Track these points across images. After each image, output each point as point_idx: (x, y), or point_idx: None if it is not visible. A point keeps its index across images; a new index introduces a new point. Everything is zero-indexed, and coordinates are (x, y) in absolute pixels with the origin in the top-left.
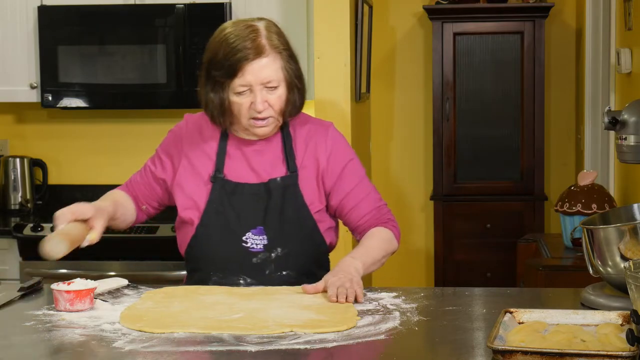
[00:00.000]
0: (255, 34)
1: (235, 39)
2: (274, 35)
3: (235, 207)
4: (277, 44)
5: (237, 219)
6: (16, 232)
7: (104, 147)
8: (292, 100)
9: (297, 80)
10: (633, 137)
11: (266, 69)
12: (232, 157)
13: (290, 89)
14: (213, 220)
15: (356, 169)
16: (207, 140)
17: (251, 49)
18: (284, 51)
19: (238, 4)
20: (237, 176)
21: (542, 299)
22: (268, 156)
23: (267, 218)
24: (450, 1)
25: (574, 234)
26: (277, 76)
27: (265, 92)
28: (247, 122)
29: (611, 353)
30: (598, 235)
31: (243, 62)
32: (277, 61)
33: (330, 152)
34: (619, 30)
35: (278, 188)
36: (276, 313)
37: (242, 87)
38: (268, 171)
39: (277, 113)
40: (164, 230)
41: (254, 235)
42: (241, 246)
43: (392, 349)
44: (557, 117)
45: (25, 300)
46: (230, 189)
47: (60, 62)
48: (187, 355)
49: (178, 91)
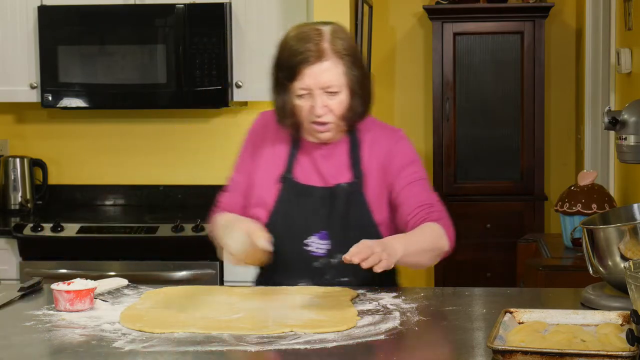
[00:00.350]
0: (319, 38)
1: (297, 41)
2: (338, 40)
3: (301, 209)
4: (340, 49)
5: (303, 222)
6: (16, 232)
7: (104, 147)
8: (354, 107)
9: (360, 86)
10: (633, 137)
11: (326, 73)
12: (301, 159)
13: (352, 95)
14: (280, 221)
15: (415, 170)
16: (280, 140)
17: (312, 52)
18: (347, 57)
19: (238, 4)
20: (305, 178)
21: (542, 299)
22: (334, 161)
23: (331, 223)
24: (450, 1)
25: (574, 234)
26: (338, 81)
27: (326, 97)
28: (308, 126)
29: (611, 353)
30: (598, 235)
31: (303, 65)
32: (339, 66)
33: (392, 154)
34: (619, 30)
35: (343, 194)
36: (276, 313)
37: (302, 90)
38: (334, 176)
39: (338, 118)
40: (164, 230)
41: (317, 240)
42: (303, 249)
43: (392, 349)
44: (557, 117)
45: (25, 300)
46: (298, 190)
47: (60, 62)
48: (187, 355)
49: (178, 91)
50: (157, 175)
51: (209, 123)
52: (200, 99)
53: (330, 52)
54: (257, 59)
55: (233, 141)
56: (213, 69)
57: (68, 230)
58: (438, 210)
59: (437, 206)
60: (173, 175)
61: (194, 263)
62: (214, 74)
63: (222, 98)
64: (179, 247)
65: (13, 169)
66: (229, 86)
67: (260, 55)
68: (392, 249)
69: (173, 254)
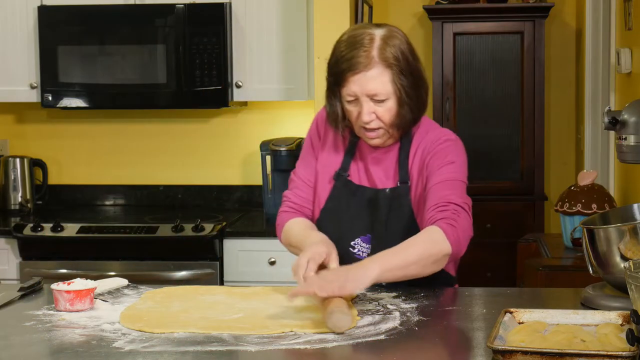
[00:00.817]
0: (369, 45)
1: (347, 47)
2: (389, 47)
3: (351, 209)
4: (389, 56)
5: (350, 222)
6: (16, 232)
7: (104, 147)
8: (403, 115)
9: (409, 95)
10: (633, 137)
11: (372, 82)
12: (356, 160)
13: (400, 103)
14: (329, 219)
15: (451, 170)
16: (340, 137)
17: (359, 58)
18: (396, 65)
19: (238, 4)
20: (357, 179)
21: (542, 299)
22: (384, 165)
23: (375, 227)
24: (450, 1)
25: (574, 234)
26: (384, 89)
27: (373, 104)
28: (358, 130)
29: (611, 353)
30: (598, 235)
31: (348, 73)
32: (385, 75)
33: (433, 155)
34: (619, 30)
35: (386, 199)
36: (276, 313)
37: (349, 96)
38: (382, 180)
39: (388, 126)
40: (164, 230)
41: (362, 242)
42: (348, 250)
43: (392, 349)
44: (557, 117)
45: (25, 300)
46: (350, 190)
47: (60, 62)
48: (187, 355)
49: (178, 91)
50: (157, 175)
51: (209, 123)
52: (200, 99)
53: (378, 60)
54: (257, 59)
55: (233, 141)
56: (213, 69)
57: (68, 230)
58: (452, 209)
59: (452, 205)
60: (173, 175)
61: (194, 263)
62: (214, 74)
63: (222, 98)
64: (179, 247)
65: (13, 169)
66: (229, 86)
67: (260, 55)
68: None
69: (173, 254)
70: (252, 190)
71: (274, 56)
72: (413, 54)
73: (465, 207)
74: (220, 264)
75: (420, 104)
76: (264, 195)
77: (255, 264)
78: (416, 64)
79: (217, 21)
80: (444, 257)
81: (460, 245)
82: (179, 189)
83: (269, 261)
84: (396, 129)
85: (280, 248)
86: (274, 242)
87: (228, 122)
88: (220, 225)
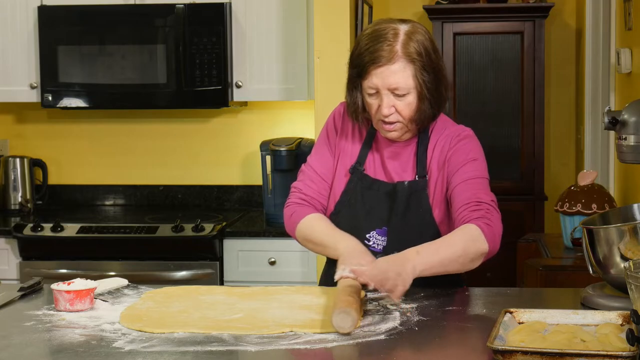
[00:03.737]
0: (393, 39)
1: (371, 40)
2: (413, 42)
3: (366, 202)
4: (412, 51)
5: (366, 215)
6: (16, 232)
7: (104, 147)
8: (422, 110)
9: (430, 90)
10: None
11: (394, 76)
12: (373, 154)
13: (420, 98)
14: (344, 211)
15: (474, 168)
16: (357, 131)
17: (382, 52)
18: (418, 60)
19: (238, 4)
20: (373, 173)
21: (542, 299)
22: (401, 160)
23: (392, 220)
24: (450, 1)
25: (574, 234)
26: (405, 84)
27: (393, 98)
28: (377, 124)
29: (611, 353)
30: (598, 235)
31: (371, 66)
32: (407, 69)
33: (453, 152)
34: (619, 30)
35: (404, 192)
36: (276, 313)
37: (370, 89)
38: (399, 174)
39: (406, 120)
40: (164, 230)
41: (377, 235)
42: (363, 243)
43: (392, 349)
44: (557, 117)
45: (25, 300)
46: (365, 183)
47: (60, 62)
48: (187, 355)
49: (178, 91)
50: (157, 175)
51: (209, 123)
52: (200, 99)
53: (401, 54)
54: (257, 59)
55: (233, 141)
56: (213, 69)
57: (68, 230)
58: (485, 208)
59: (484, 205)
60: (173, 175)
61: (194, 263)
62: (214, 73)
63: (222, 98)
64: (179, 247)
65: (13, 169)
66: (229, 86)
67: (260, 55)
68: (407, 271)
69: (173, 254)
70: (252, 190)
71: (274, 56)
72: (435, 51)
73: (495, 205)
74: (220, 264)
75: (441, 100)
76: (264, 195)
77: (255, 264)
78: (438, 60)
79: (217, 21)
80: (481, 256)
81: (496, 243)
82: (179, 189)
83: (269, 261)
84: (414, 124)
85: (280, 248)
86: (274, 242)
87: (228, 122)
88: (220, 225)
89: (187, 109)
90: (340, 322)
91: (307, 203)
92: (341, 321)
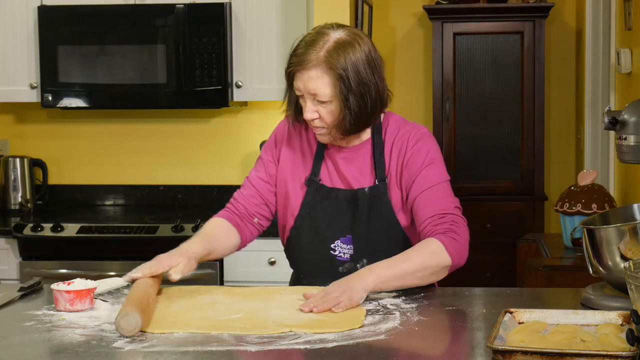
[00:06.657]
0: (321, 45)
1: (300, 43)
2: (340, 52)
3: (327, 212)
4: (334, 61)
5: (328, 226)
6: (16, 232)
7: (104, 147)
8: (344, 120)
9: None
10: (633, 137)
11: (312, 81)
12: (326, 162)
13: (343, 108)
14: (305, 224)
15: (434, 174)
16: (307, 143)
17: (306, 56)
18: (341, 71)
19: (238, 4)
20: (329, 182)
21: (542, 299)
22: (357, 164)
23: (355, 227)
24: (450, 1)
25: (574, 234)
26: (324, 91)
27: (317, 103)
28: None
29: (611, 353)
30: (598, 235)
31: (294, 68)
32: (326, 77)
33: (411, 154)
34: (619, 30)
35: (365, 197)
36: (276, 313)
37: (298, 91)
38: (358, 180)
39: (330, 127)
40: (164, 230)
41: (342, 244)
42: (329, 253)
43: (392, 349)
44: (557, 117)
45: (25, 300)
46: (323, 194)
47: (60, 62)
48: (187, 355)
49: (178, 91)
50: (157, 175)
51: (209, 123)
52: (200, 99)
53: (323, 61)
54: (257, 59)
55: (233, 141)
56: (213, 69)
57: (68, 230)
58: (450, 220)
59: (448, 216)
60: (173, 175)
61: None
62: (213, 73)
63: (222, 98)
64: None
65: (13, 169)
66: (229, 86)
67: (260, 55)
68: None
69: None
70: None
71: (274, 56)
72: (370, 64)
73: (459, 211)
74: (220, 264)
75: (365, 114)
76: None
77: (255, 264)
78: (370, 74)
79: (217, 21)
80: (444, 269)
81: (461, 256)
82: (179, 189)
83: (269, 261)
84: (339, 132)
85: (280, 248)
86: (274, 242)
87: (228, 122)
88: None
89: (187, 109)
90: (124, 325)
91: (228, 210)
92: (125, 324)
